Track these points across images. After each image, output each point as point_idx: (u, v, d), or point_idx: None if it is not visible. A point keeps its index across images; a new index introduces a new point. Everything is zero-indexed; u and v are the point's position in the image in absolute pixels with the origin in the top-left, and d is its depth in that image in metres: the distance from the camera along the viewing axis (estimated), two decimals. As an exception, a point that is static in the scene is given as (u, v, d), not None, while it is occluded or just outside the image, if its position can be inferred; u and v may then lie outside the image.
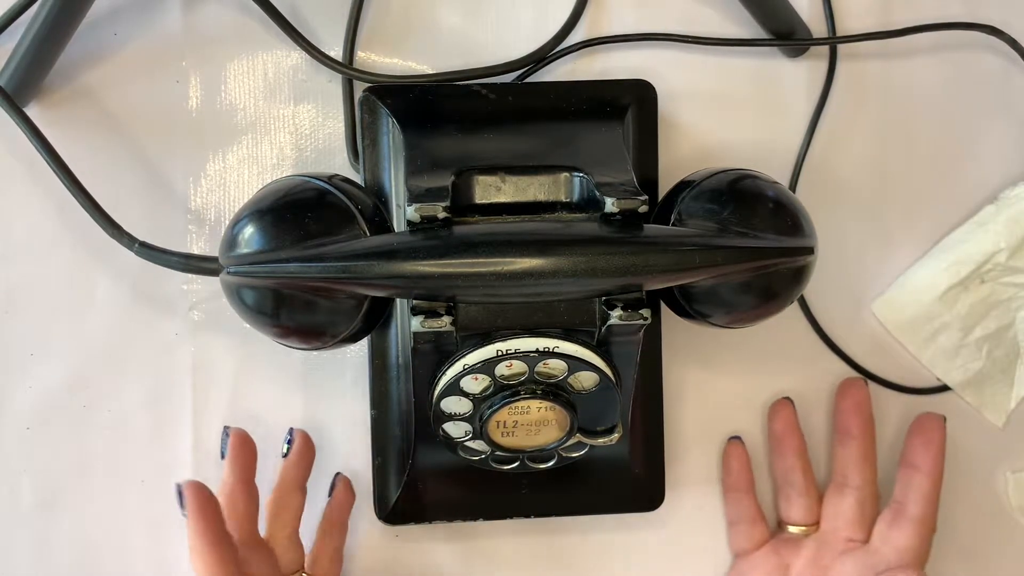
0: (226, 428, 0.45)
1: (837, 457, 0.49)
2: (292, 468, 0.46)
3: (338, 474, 0.48)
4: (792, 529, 0.49)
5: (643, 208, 0.39)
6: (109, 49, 0.47)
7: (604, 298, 0.39)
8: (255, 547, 0.43)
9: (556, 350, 0.39)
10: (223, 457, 0.45)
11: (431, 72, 0.48)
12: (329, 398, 0.48)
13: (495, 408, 0.40)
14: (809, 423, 0.50)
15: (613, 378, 0.40)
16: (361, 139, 0.45)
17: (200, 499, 0.41)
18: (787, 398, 0.50)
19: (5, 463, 0.48)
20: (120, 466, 0.48)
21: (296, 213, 0.39)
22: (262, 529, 0.45)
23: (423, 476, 0.45)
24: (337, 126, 0.48)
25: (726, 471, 0.50)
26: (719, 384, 0.50)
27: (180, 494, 0.41)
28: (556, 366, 0.40)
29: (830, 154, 0.50)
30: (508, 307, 0.39)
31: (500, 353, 0.39)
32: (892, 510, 0.47)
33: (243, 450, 0.44)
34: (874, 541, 0.47)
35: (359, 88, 0.46)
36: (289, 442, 0.46)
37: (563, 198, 0.42)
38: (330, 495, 0.47)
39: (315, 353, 0.48)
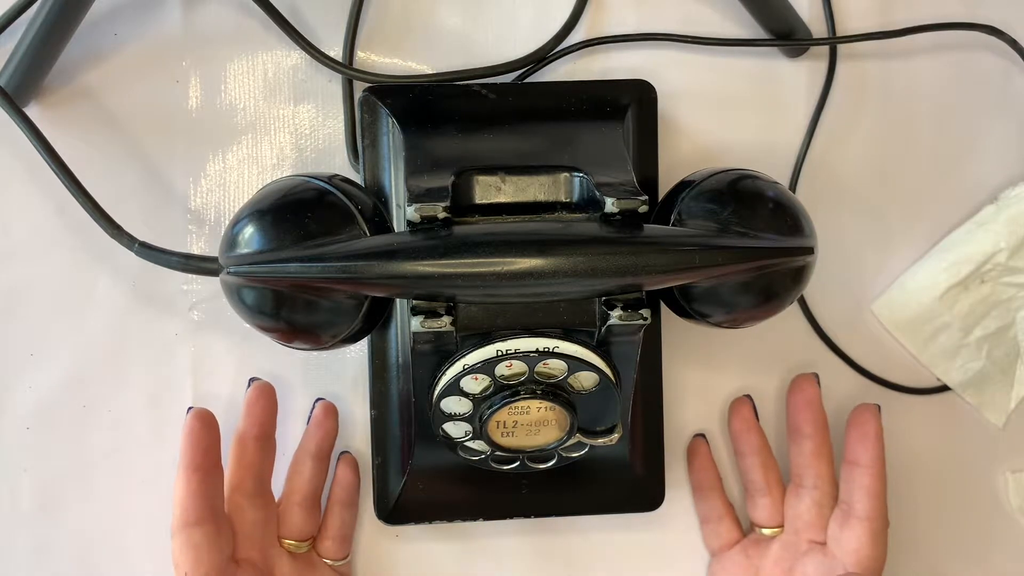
0: (251, 379, 0.46)
1: (792, 456, 0.48)
2: (308, 436, 0.47)
3: (343, 453, 0.48)
4: (763, 530, 0.48)
5: (643, 208, 0.39)
6: (109, 49, 0.47)
7: (604, 298, 0.39)
8: (256, 500, 0.44)
9: (556, 350, 0.39)
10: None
11: (431, 72, 0.48)
12: (329, 398, 0.48)
13: (495, 408, 0.40)
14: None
15: (613, 378, 0.40)
16: (361, 139, 0.45)
17: (193, 424, 0.42)
18: (747, 396, 0.49)
19: (5, 463, 0.48)
20: (120, 466, 0.48)
21: (296, 213, 0.39)
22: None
23: (423, 476, 0.45)
24: (337, 126, 0.48)
25: (691, 469, 0.50)
26: (719, 384, 0.50)
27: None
28: (556, 366, 0.40)
29: (830, 154, 0.51)
30: (508, 307, 0.39)
31: (500, 353, 0.39)
32: (840, 511, 0.46)
33: (260, 401, 0.45)
34: (829, 544, 0.46)
35: (359, 88, 0.46)
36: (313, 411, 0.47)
37: (563, 198, 0.42)
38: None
39: (315, 353, 0.48)
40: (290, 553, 0.45)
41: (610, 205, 0.39)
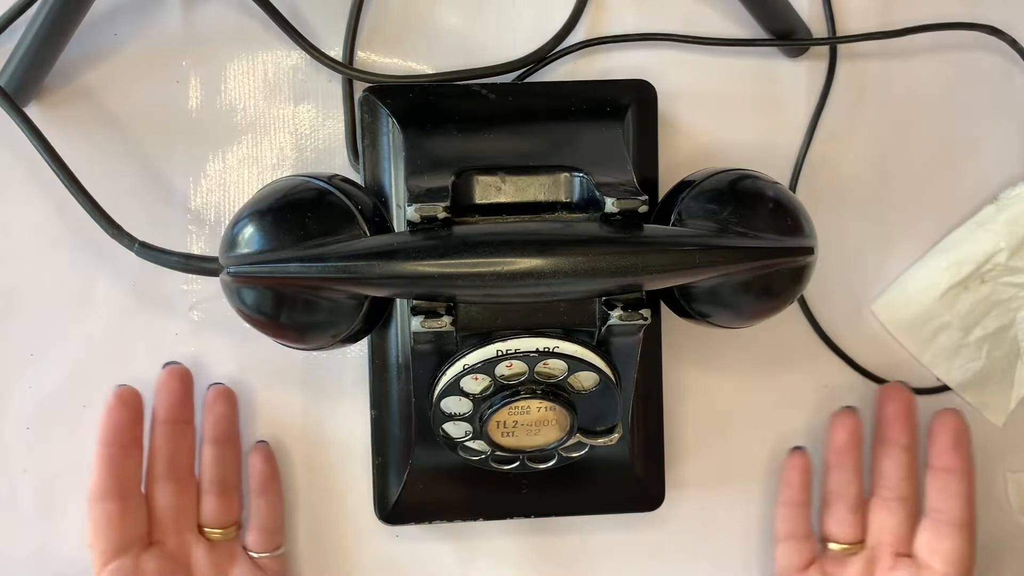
0: (166, 364, 0.46)
1: (883, 469, 0.47)
2: (203, 422, 0.46)
3: (258, 442, 0.48)
4: (834, 547, 0.47)
5: (643, 208, 0.39)
6: (109, 49, 0.47)
7: (604, 298, 0.39)
8: (167, 486, 0.44)
9: (556, 350, 0.39)
10: None
11: (431, 72, 0.48)
12: (329, 398, 0.48)
13: (495, 408, 0.40)
14: (808, 423, 0.50)
15: (613, 378, 0.40)
16: (361, 139, 0.45)
17: (113, 402, 0.43)
18: (851, 407, 0.48)
19: (5, 463, 0.48)
20: (120, 466, 0.48)
21: (296, 213, 0.39)
22: None
23: (423, 476, 0.45)
24: (337, 126, 0.48)
25: (785, 483, 0.48)
26: (719, 384, 0.50)
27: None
28: (556, 366, 0.40)
29: (830, 154, 0.50)
30: (508, 307, 0.39)
31: (500, 353, 0.39)
32: (931, 519, 0.46)
33: (169, 384, 0.45)
34: (920, 554, 0.45)
35: (359, 88, 0.46)
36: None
37: (563, 198, 0.42)
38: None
39: (315, 353, 0.48)
40: (209, 541, 0.45)
41: (610, 205, 0.39)
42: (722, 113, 0.50)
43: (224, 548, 0.45)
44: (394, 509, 0.46)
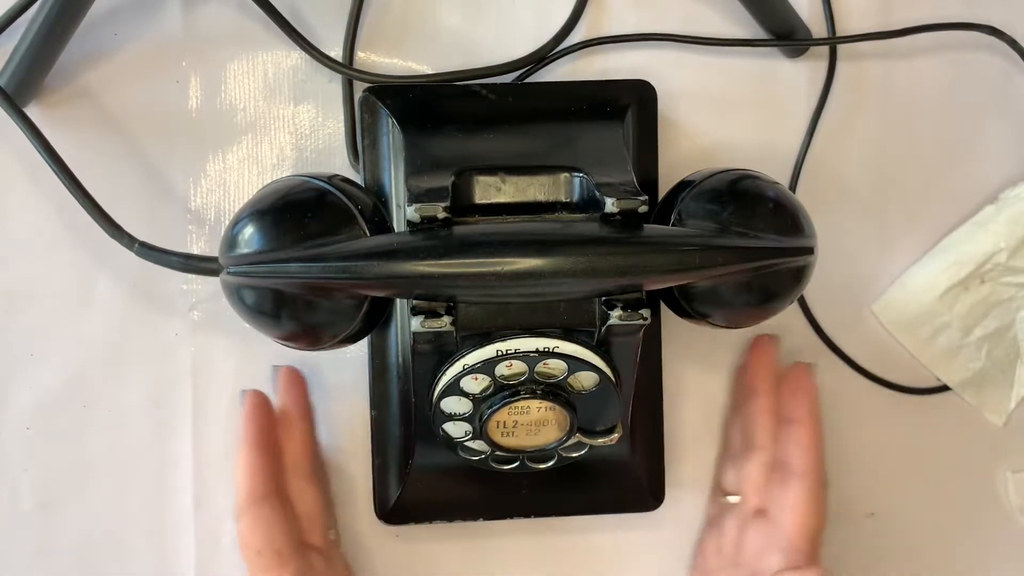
0: (274, 367, 0.47)
1: (743, 417, 0.47)
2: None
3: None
4: (731, 499, 0.47)
5: (643, 208, 0.39)
6: (109, 49, 0.47)
7: (604, 298, 0.39)
8: (305, 483, 0.44)
9: (556, 350, 0.39)
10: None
11: (431, 72, 0.48)
12: (329, 398, 0.48)
13: (495, 408, 0.40)
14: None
15: (613, 378, 0.40)
16: (361, 139, 0.45)
17: (252, 401, 0.43)
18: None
19: (5, 463, 0.48)
20: (120, 466, 0.48)
21: (296, 213, 0.39)
22: None
23: (423, 476, 0.45)
24: (337, 126, 0.48)
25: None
26: (719, 384, 0.50)
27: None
28: (556, 366, 0.40)
29: (830, 154, 0.50)
30: (508, 307, 0.39)
31: (500, 353, 0.39)
32: (778, 472, 0.45)
33: (291, 382, 0.46)
34: (771, 510, 0.44)
35: (359, 88, 0.46)
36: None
37: (563, 198, 0.42)
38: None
39: (315, 353, 0.48)
40: (331, 540, 0.45)
41: (610, 205, 0.39)
42: (722, 113, 0.50)
43: (336, 543, 0.46)
44: (394, 509, 0.46)
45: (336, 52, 0.48)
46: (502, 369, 0.39)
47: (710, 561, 0.47)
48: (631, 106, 0.45)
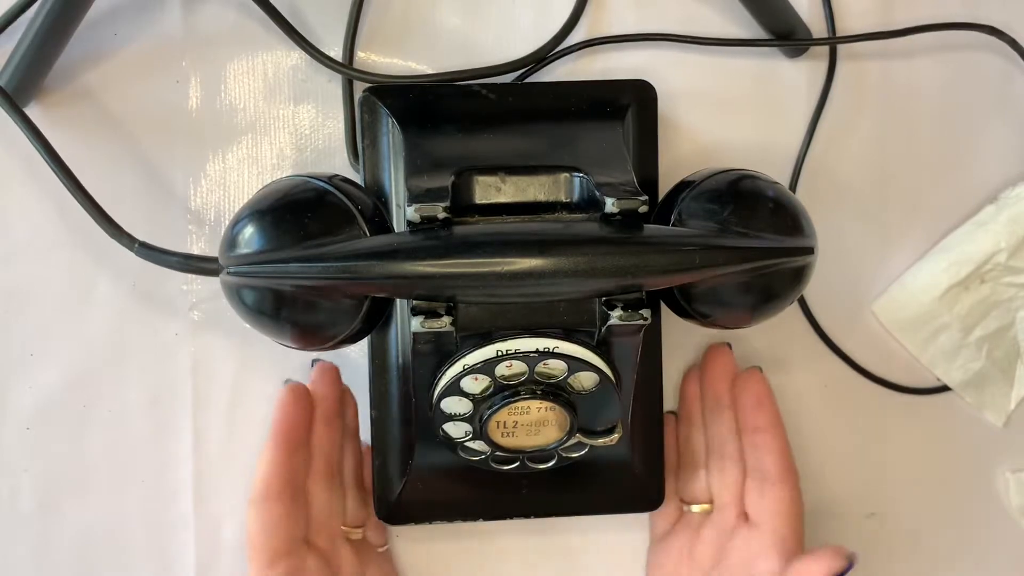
0: (313, 360, 0.46)
1: (711, 428, 0.47)
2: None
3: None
4: (694, 508, 0.47)
5: (643, 208, 0.39)
6: (109, 49, 0.47)
7: (604, 298, 0.39)
8: (326, 483, 0.44)
9: (556, 350, 0.39)
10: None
11: (431, 72, 0.48)
12: (329, 398, 0.48)
13: (495, 408, 0.40)
14: (808, 423, 0.51)
15: (613, 378, 0.40)
16: (361, 139, 0.44)
17: (286, 397, 0.43)
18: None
19: (5, 463, 0.48)
20: (120, 466, 0.48)
21: (296, 213, 0.39)
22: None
23: (423, 476, 0.45)
24: (337, 126, 0.48)
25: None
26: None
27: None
28: (556, 366, 0.39)
29: (830, 154, 0.50)
30: (508, 307, 0.39)
31: (500, 353, 0.39)
32: (754, 479, 0.45)
33: (326, 379, 0.45)
34: (751, 512, 0.45)
35: (359, 88, 0.46)
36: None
37: (563, 198, 0.42)
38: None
39: (315, 353, 0.48)
40: (350, 541, 0.45)
41: (610, 205, 0.39)
42: (722, 113, 0.50)
43: (360, 546, 0.46)
44: (394, 509, 0.46)
45: (336, 52, 0.48)
46: (502, 369, 0.39)
47: (677, 571, 0.47)
48: (631, 106, 0.45)
